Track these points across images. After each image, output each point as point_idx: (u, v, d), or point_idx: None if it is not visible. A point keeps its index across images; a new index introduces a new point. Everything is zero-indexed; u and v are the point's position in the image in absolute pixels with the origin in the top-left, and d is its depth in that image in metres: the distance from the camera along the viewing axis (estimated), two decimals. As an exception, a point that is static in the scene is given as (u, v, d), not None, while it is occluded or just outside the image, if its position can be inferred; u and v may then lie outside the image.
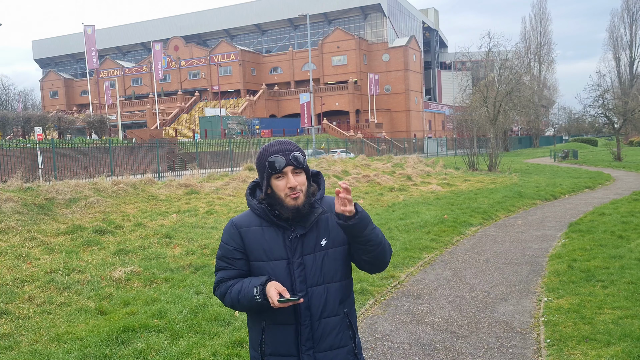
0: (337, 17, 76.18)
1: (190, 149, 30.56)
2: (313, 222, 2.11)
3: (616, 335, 4.68)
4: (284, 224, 2.10)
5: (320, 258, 2.10)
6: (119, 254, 8.39)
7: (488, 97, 30.61)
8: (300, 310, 2.08)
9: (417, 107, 72.33)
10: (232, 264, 2.15)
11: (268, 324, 2.12)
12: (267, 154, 2.09)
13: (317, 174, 2.23)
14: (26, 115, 34.24)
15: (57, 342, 4.88)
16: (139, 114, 68.35)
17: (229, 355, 4.49)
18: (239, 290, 2.08)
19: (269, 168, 2.06)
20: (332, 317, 2.11)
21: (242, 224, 2.16)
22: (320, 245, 2.11)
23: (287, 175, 2.05)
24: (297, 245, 2.10)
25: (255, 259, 2.12)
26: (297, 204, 2.06)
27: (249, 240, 2.13)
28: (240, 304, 2.08)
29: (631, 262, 7.07)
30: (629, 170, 27.66)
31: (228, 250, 2.15)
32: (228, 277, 2.16)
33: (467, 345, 4.84)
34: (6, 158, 17.68)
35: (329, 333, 2.10)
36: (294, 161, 2.05)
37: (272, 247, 2.10)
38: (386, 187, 18.73)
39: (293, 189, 2.04)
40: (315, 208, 2.11)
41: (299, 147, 2.13)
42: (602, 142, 72.45)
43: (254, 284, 2.04)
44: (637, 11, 71.68)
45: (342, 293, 2.15)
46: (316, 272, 2.10)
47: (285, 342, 2.10)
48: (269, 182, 2.10)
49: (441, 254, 8.71)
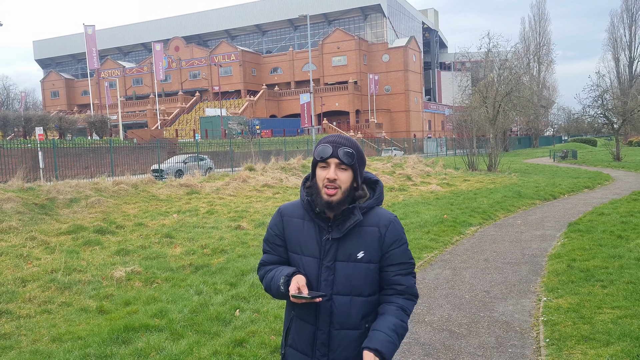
0: (337, 18, 76.20)
1: (191, 149, 30.56)
2: (349, 228, 2.04)
3: (615, 334, 4.69)
4: (322, 223, 2.08)
5: (352, 269, 2.05)
6: (119, 253, 8.41)
7: (487, 98, 30.62)
8: (320, 315, 2.05)
9: (417, 107, 72.35)
10: (273, 250, 2.19)
11: (295, 317, 2.13)
12: (320, 142, 2.09)
13: (375, 181, 2.16)
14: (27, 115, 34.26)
15: (58, 342, 4.90)
16: (139, 114, 68.38)
17: (230, 355, 4.50)
18: (272, 277, 2.11)
19: (315, 155, 2.06)
20: (353, 330, 2.06)
21: (286, 212, 2.18)
22: (357, 256, 2.05)
23: (330, 166, 2.03)
24: (330, 248, 2.06)
25: (292, 250, 2.14)
26: (331, 199, 2.01)
27: (289, 230, 2.14)
28: (271, 290, 2.12)
29: (630, 262, 7.08)
30: (628, 170, 27.67)
31: (271, 235, 2.19)
32: (269, 262, 2.19)
33: (467, 344, 4.86)
34: (7, 158, 17.70)
35: (346, 345, 2.06)
36: (341, 155, 2.01)
37: (308, 242, 2.10)
38: (386, 187, 18.74)
39: (331, 181, 2.01)
40: (353, 214, 2.04)
41: (356, 144, 2.08)
42: (601, 142, 72.45)
43: (283, 273, 2.06)
44: (637, 12, 71.77)
45: (366, 309, 2.08)
46: (345, 281, 2.05)
47: (304, 340, 2.10)
48: (314, 170, 2.10)
49: (441, 253, 8.72)
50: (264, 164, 23.05)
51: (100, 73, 75.32)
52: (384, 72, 69.88)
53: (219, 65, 69.70)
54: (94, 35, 45.62)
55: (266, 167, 22.20)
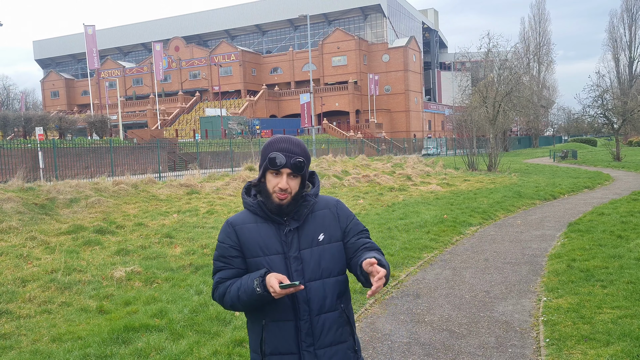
0: (337, 18, 76.21)
1: (191, 149, 30.57)
2: (306, 215, 2.13)
3: (615, 334, 4.69)
4: (278, 219, 2.12)
5: (317, 253, 2.12)
6: (119, 253, 8.41)
7: (487, 98, 30.61)
8: (299, 305, 2.08)
9: (416, 107, 72.35)
10: (229, 263, 2.14)
11: (268, 322, 2.11)
12: (271, 148, 2.11)
13: (311, 173, 2.25)
14: (27, 115, 34.24)
15: (58, 342, 4.90)
16: (139, 114, 68.36)
17: (230, 355, 4.50)
18: (238, 287, 2.07)
19: (268, 162, 2.08)
20: (331, 313, 2.12)
21: (236, 222, 2.17)
22: (318, 240, 2.13)
23: (282, 175, 2.07)
24: (292, 239, 2.11)
25: (252, 255, 2.12)
26: (281, 203, 2.09)
27: (244, 237, 2.13)
28: (240, 300, 2.06)
29: (630, 262, 7.08)
30: (628, 170, 27.67)
31: (224, 249, 2.15)
32: (226, 277, 2.14)
33: (467, 344, 4.86)
34: (7, 158, 17.70)
35: (328, 328, 2.11)
36: (293, 166, 2.06)
37: (268, 242, 2.11)
38: (386, 187, 18.74)
39: (283, 190, 2.07)
40: (307, 201, 2.14)
41: (306, 151, 2.13)
42: (601, 142, 72.42)
43: (253, 277, 2.04)
44: (637, 12, 71.79)
45: (339, 288, 2.15)
46: (314, 266, 2.10)
47: (285, 339, 2.10)
48: (264, 173, 2.12)
49: (441, 253, 8.72)
50: (264, 164, 22.99)
51: (100, 73, 75.27)
52: (384, 72, 69.88)
53: (219, 65, 69.68)
54: (94, 35, 45.62)
55: (266, 167, 22.17)
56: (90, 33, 44.93)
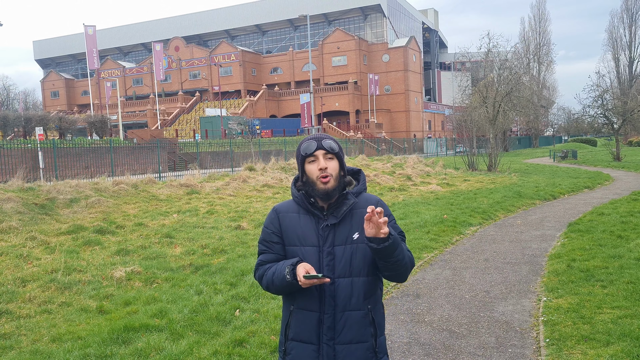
0: (337, 18, 76.19)
1: (191, 149, 30.56)
2: (345, 213, 2.19)
3: (615, 334, 4.69)
4: (318, 213, 2.20)
5: (350, 251, 2.17)
6: (119, 253, 8.41)
7: (487, 98, 30.61)
8: (325, 299, 2.15)
9: (416, 107, 72.33)
10: (270, 248, 2.26)
11: (295, 309, 2.21)
12: (302, 142, 2.24)
13: (357, 171, 2.33)
14: (27, 115, 34.23)
15: (58, 342, 4.90)
16: (139, 114, 68.33)
17: (230, 355, 4.50)
18: (273, 271, 2.18)
19: (301, 152, 2.20)
20: (356, 311, 2.17)
21: (281, 210, 2.29)
22: (352, 238, 2.18)
23: (318, 158, 2.17)
24: (328, 234, 2.18)
25: (290, 243, 2.23)
26: (327, 187, 2.15)
27: (285, 225, 2.24)
28: (274, 284, 2.18)
29: (630, 262, 7.08)
30: (628, 170, 27.67)
31: (267, 234, 2.28)
32: (267, 260, 2.26)
33: (467, 344, 4.86)
34: (7, 158, 17.70)
35: (350, 326, 2.16)
36: (326, 146, 2.17)
37: (306, 233, 2.20)
38: (386, 187, 18.74)
39: (323, 170, 2.14)
40: (348, 199, 2.20)
41: (333, 138, 2.23)
42: (601, 142, 72.40)
43: (286, 264, 2.14)
44: (637, 12, 71.79)
45: (367, 288, 2.20)
46: (345, 263, 2.16)
47: (307, 328, 2.18)
48: (303, 168, 2.22)
49: (441, 253, 8.73)
50: (264, 164, 23.05)
51: (100, 73, 75.30)
52: (384, 72, 69.85)
53: (219, 65, 69.67)
54: (94, 35, 45.61)
55: (266, 167, 22.21)
56: (90, 33, 44.92)
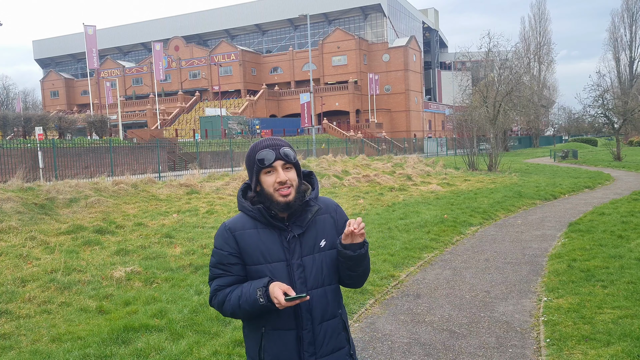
0: (337, 17, 76.17)
1: (191, 149, 30.55)
2: (310, 221, 2.07)
3: (616, 334, 4.69)
4: (280, 224, 2.04)
5: (319, 259, 2.06)
6: (119, 253, 8.40)
7: (488, 97, 30.62)
8: (302, 314, 2.02)
9: (417, 107, 72.30)
10: (228, 270, 2.05)
11: (268, 330, 2.04)
12: (256, 149, 2.05)
13: (309, 173, 2.18)
14: (27, 115, 34.22)
15: (57, 342, 4.89)
16: (139, 114, 68.33)
17: (230, 355, 4.49)
18: (239, 295, 1.99)
19: (258, 163, 2.01)
20: (332, 320, 2.08)
21: (236, 227, 2.07)
22: (320, 246, 2.06)
23: (277, 170, 2.00)
24: (295, 245, 2.04)
25: (253, 262, 2.03)
26: (287, 200, 2.00)
27: (245, 244, 2.04)
28: (241, 309, 1.99)
29: (631, 262, 7.08)
30: (628, 170, 27.66)
31: (223, 256, 2.06)
32: (225, 285, 2.06)
33: (467, 344, 4.85)
34: (7, 158, 17.69)
35: (330, 336, 2.07)
36: (284, 156, 2.00)
37: (270, 248, 2.02)
38: (386, 187, 18.73)
39: (283, 183, 1.99)
40: (311, 206, 2.07)
41: (288, 143, 2.08)
42: (601, 142, 72.43)
43: (256, 286, 1.96)
44: (637, 11, 71.67)
45: (337, 294, 2.12)
46: (317, 273, 2.04)
47: (286, 348, 2.03)
48: (259, 178, 2.04)
49: (441, 253, 8.72)
50: (264, 163, 22.96)
51: (100, 73, 75.27)
52: (384, 71, 69.82)
53: (219, 65, 69.65)
54: (94, 35, 45.57)
55: (266, 166, 22.15)
56: (90, 33, 44.88)
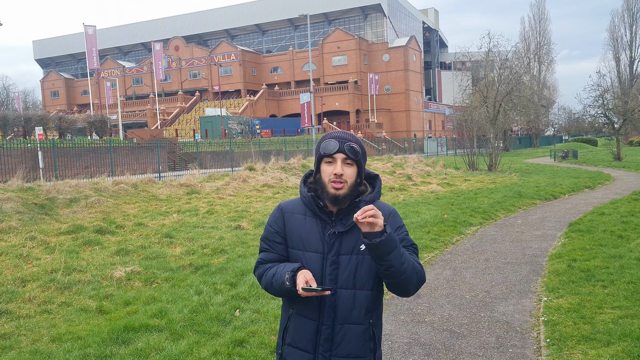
0: (338, 17, 76.17)
1: (191, 149, 30.57)
2: (354, 222, 2.05)
3: (616, 334, 4.68)
4: (326, 218, 2.08)
5: (355, 261, 2.06)
6: (119, 253, 8.40)
7: (488, 97, 30.62)
8: (325, 309, 2.05)
9: (417, 107, 72.31)
10: (272, 247, 2.16)
11: (294, 314, 2.11)
12: (325, 137, 2.10)
13: (374, 176, 2.20)
14: (27, 115, 34.23)
15: (57, 342, 4.89)
16: (139, 114, 68.33)
17: (230, 355, 4.49)
18: (273, 273, 2.09)
19: (321, 150, 2.06)
20: (356, 325, 2.07)
21: (287, 209, 2.17)
22: (359, 249, 2.06)
23: (337, 161, 2.04)
24: (334, 242, 2.07)
25: (293, 246, 2.12)
26: (338, 193, 2.02)
27: (290, 227, 2.13)
28: (272, 287, 2.09)
29: (631, 262, 7.08)
30: (628, 170, 27.66)
31: (270, 233, 2.17)
32: (268, 260, 2.17)
33: (467, 344, 4.85)
34: (7, 158, 17.69)
35: (349, 340, 2.06)
36: (347, 150, 2.03)
37: (310, 238, 2.09)
38: (386, 187, 18.73)
39: (338, 176, 2.02)
40: (359, 207, 2.04)
41: (360, 141, 2.10)
42: (602, 142, 72.43)
43: (287, 269, 2.04)
44: (638, 11, 71.67)
45: (370, 302, 2.09)
46: (349, 274, 2.06)
47: (305, 336, 2.09)
48: (319, 166, 2.09)
49: (441, 253, 8.72)
50: (264, 163, 23.04)
51: (100, 73, 75.26)
52: (384, 71, 69.83)
53: (219, 65, 69.66)
54: (94, 35, 45.56)
55: (266, 167, 22.20)
56: (90, 33, 44.88)
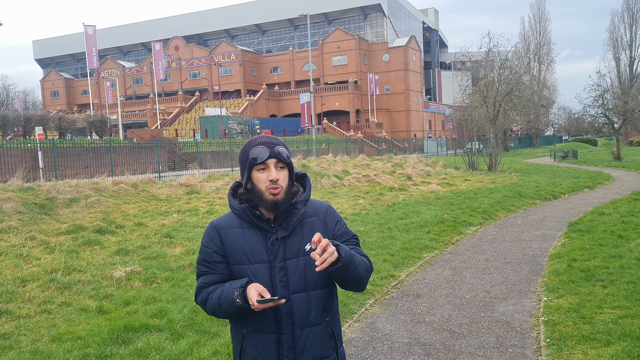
0: (337, 17, 76.17)
1: (191, 149, 30.55)
2: (295, 224, 2.04)
3: (616, 334, 4.69)
4: (265, 226, 2.03)
5: (303, 263, 2.01)
6: (119, 253, 8.41)
7: (488, 97, 30.61)
8: (282, 318, 1.99)
9: (417, 107, 72.31)
10: (212, 268, 2.06)
11: (248, 332, 2.03)
12: (251, 145, 2.04)
13: (302, 175, 2.17)
14: (27, 115, 34.22)
15: (57, 342, 4.89)
16: (139, 114, 68.32)
17: (230, 355, 4.49)
18: (219, 294, 1.99)
19: (251, 159, 2.00)
20: (315, 327, 2.03)
21: (222, 226, 2.08)
22: (305, 250, 2.02)
23: (270, 167, 1.99)
24: (279, 248, 2.01)
25: (236, 262, 2.03)
26: (276, 198, 1.98)
27: (229, 243, 2.04)
28: (221, 309, 1.99)
29: (631, 262, 7.08)
30: (628, 170, 27.66)
31: (208, 254, 2.06)
32: (209, 283, 2.06)
33: (467, 344, 4.85)
34: (7, 158, 17.68)
35: (312, 343, 2.02)
36: (278, 154, 1.99)
37: (253, 249, 2.01)
38: (386, 187, 18.73)
39: (274, 181, 1.98)
40: (297, 209, 2.04)
41: (284, 142, 2.07)
42: (601, 142, 72.37)
43: (235, 286, 1.95)
44: (637, 11, 71.71)
45: (325, 301, 2.06)
46: (299, 278, 2.01)
47: (265, 352, 2.01)
48: (250, 175, 2.03)
49: (441, 253, 8.72)
50: (264, 163, 22.97)
51: (100, 73, 75.27)
52: (384, 71, 69.82)
53: (219, 65, 69.64)
54: (94, 35, 45.54)
55: (266, 166, 22.15)
56: (90, 33, 44.86)
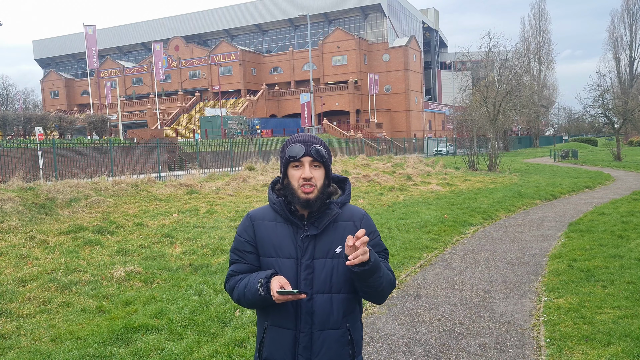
0: (338, 17, 76.18)
1: (191, 149, 30.57)
2: (326, 224, 2.04)
3: (616, 334, 4.69)
4: (297, 222, 2.04)
5: (330, 265, 2.02)
6: (119, 253, 8.41)
7: (488, 97, 30.60)
8: (302, 316, 2.00)
9: (417, 107, 72.31)
10: (243, 258, 2.10)
11: (269, 325, 2.05)
12: (289, 142, 2.06)
13: (344, 179, 2.16)
14: (27, 115, 34.20)
15: (57, 342, 4.89)
16: (139, 114, 68.33)
17: (230, 355, 4.49)
18: (246, 283, 2.02)
19: (287, 155, 2.02)
20: (334, 330, 2.02)
21: (257, 217, 2.12)
22: (334, 252, 2.02)
23: (304, 165, 2.01)
24: (308, 245, 2.02)
25: (265, 254, 2.06)
26: (308, 197, 1.99)
27: (260, 234, 2.07)
28: (245, 298, 2.02)
29: (631, 262, 7.08)
30: (628, 170, 27.66)
31: (240, 242, 2.11)
32: (239, 271, 2.10)
33: (467, 344, 4.85)
34: (7, 158, 17.69)
35: (329, 346, 2.01)
36: (314, 153, 2.00)
37: (282, 244, 2.04)
38: (386, 187, 18.73)
39: (307, 179, 1.99)
40: (330, 209, 2.04)
41: (324, 142, 2.08)
42: (601, 142, 72.36)
43: (260, 276, 1.99)
44: (637, 11, 71.73)
45: (347, 305, 2.05)
46: (325, 278, 2.01)
47: (282, 348, 2.02)
48: (286, 171, 2.05)
49: (441, 253, 8.72)
50: (264, 163, 23.05)
51: (100, 73, 75.28)
52: (384, 71, 69.83)
53: (219, 65, 69.63)
54: (94, 35, 45.53)
55: (266, 166, 22.20)
56: (90, 33, 44.85)
